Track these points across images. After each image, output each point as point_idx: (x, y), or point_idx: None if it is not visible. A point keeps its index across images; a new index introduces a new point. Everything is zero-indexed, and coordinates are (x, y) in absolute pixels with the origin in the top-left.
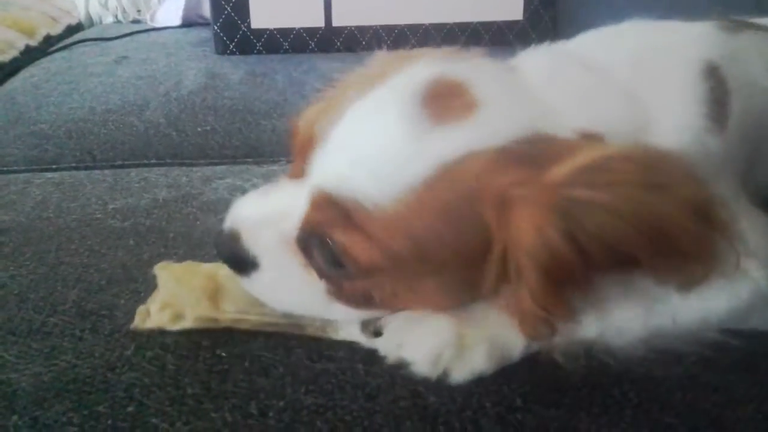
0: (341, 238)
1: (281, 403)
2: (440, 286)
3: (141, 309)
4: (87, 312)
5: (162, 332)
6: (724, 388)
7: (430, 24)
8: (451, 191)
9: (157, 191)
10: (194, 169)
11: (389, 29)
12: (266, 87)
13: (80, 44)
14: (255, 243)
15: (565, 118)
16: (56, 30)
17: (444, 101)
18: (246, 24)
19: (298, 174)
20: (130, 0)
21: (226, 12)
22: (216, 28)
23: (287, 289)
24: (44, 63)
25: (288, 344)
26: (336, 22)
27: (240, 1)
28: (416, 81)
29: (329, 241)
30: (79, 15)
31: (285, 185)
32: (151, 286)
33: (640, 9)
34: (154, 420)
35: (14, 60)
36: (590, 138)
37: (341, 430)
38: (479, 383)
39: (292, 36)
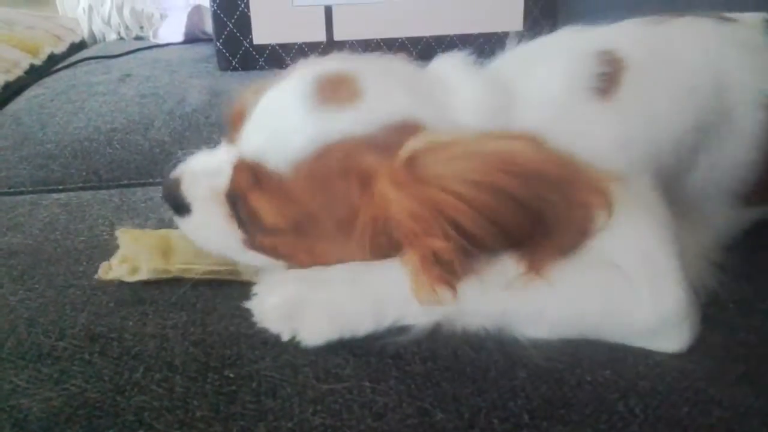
0: (252, 200)
1: (289, 424)
2: (330, 251)
3: (104, 264)
4: (96, 335)
5: (170, 351)
6: (729, 402)
7: (431, 36)
8: (327, 166)
9: (163, 211)
10: None
11: (390, 42)
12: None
13: (84, 62)
14: (190, 191)
15: (441, 109)
16: (60, 48)
17: (335, 89)
18: (248, 40)
19: (233, 140)
20: (132, 17)
21: (228, 28)
22: (218, 44)
23: (212, 233)
24: (49, 82)
25: (295, 364)
26: (338, 36)
27: (242, 18)
28: (317, 72)
29: (244, 201)
30: (83, 33)
31: (224, 148)
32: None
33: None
34: None
35: (19, 79)
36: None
37: None
38: (486, 399)
39: (294, 51)
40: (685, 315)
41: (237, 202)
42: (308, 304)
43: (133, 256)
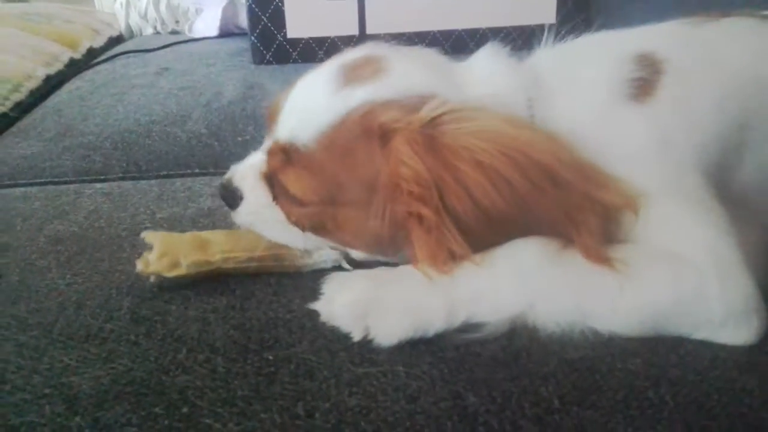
0: (282, 176)
1: (327, 405)
2: (352, 219)
3: (142, 259)
4: (141, 318)
5: (211, 334)
6: (760, 391)
7: (463, 29)
8: (348, 131)
9: (201, 200)
10: None
11: (422, 35)
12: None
13: (122, 56)
14: (240, 182)
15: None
16: (98, 42)
17: (360, 70)
18: (282, 34)
19: (272, 132)
20: (168, 11)
21: (262, 22)
22: (253, 38)
23: (260, 215)
24: (88, 75)
25: (331, 348)
26: (370, 30)
27: (276, 12)
28: (346, 58)
29: (277, 178)
30: (120, 27)
31: (266, 143)
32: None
33: (674, 10)
34: (207, 420)
35: (59, 73)
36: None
37: (384, 431)
38: (517, 384)
39: (327, 44)
40: (753, 306)
41: (273, 181)
42: (381, 303)
43: (171, 252)
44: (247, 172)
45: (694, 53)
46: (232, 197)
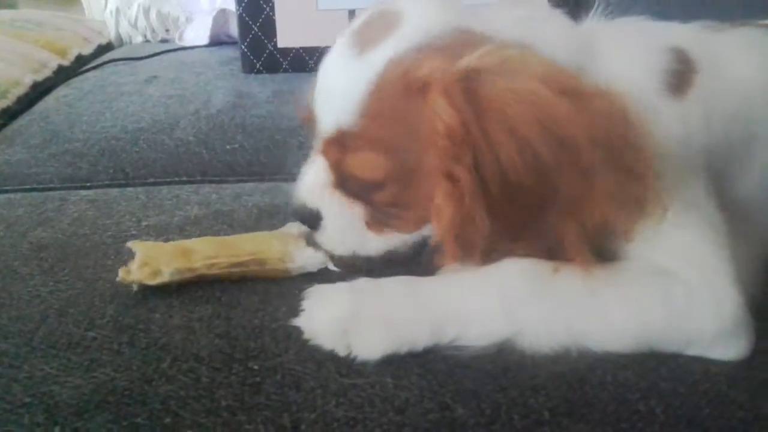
0: (344, 166)
1: (312, 416)
2: (427, 184)
3: (123, 268)
4: (124, 326)
5: (196, 343)
6: (750, 405)
7: None
8: (386, 95)
9: (188, 208)
10: (223, 186)
11: None
12: (293, 105)
13: (111, 64)
14: (313, 200)
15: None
16: (87, 50)
17: (372, 28)
18: (272, 43)
19: (316, 135)
20: (158, 20)
21: (253, 32)
22: (243, 47)
23: (343, 225)
24: (76, 82)
25: (318, 358)
26: None
27: (266, 21)
28: (356, 24)
29: (342, 171)
30: (110, 35)
31: (315, 149)
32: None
33: (671, 15)
34: (190, 431)
35: (47, 79)
36: (516, 45)
37: None
38: (507, 395)
39: (317, 54)
40: (743, 322)
41: (341, 180)
42: (363, 318)
43: (153, 260)
44: (315, 189)
45: (716, 59)
46: (309, 216)
